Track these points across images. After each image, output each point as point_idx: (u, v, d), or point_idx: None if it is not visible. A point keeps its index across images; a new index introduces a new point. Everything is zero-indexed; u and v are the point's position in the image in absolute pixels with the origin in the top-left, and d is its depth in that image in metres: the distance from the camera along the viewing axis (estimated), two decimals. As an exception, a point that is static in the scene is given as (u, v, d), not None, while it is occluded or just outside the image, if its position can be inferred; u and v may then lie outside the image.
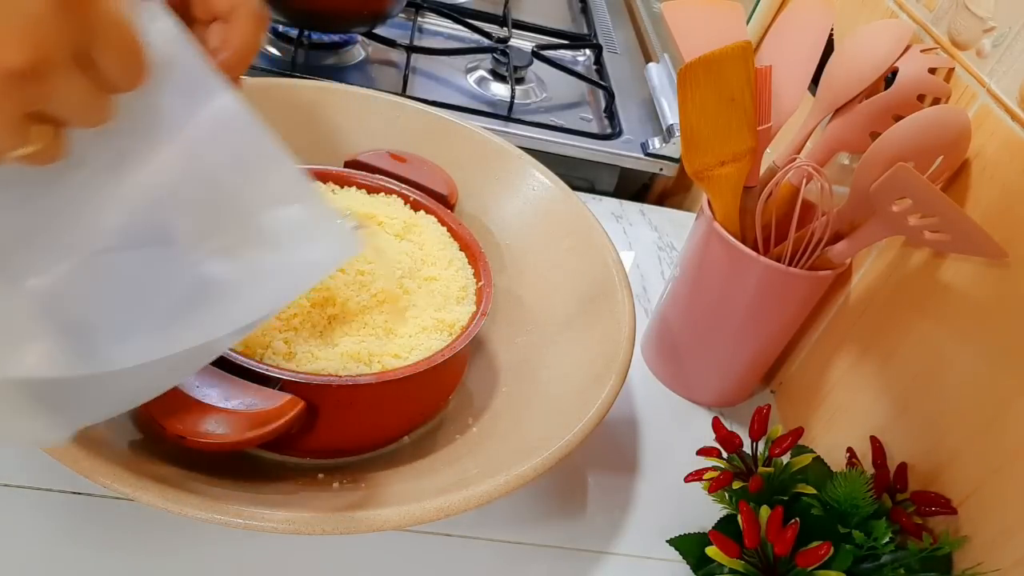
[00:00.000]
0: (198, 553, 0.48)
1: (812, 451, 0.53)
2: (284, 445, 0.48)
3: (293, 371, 0.45)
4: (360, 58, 0.99)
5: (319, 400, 0.46)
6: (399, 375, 0.47)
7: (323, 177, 0.60)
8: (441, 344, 0.50)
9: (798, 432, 0.52)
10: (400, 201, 0.60)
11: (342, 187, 0.60)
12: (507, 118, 0.93)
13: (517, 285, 0.63)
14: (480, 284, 0.56)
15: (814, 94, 0.61)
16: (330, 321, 0.49)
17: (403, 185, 0.61)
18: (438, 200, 0.61)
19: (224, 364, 0.44)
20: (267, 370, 0.45)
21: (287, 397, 0.44)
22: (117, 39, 0.28)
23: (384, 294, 0.51)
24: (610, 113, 1.02)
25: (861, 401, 0.61)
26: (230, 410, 0.42)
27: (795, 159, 0.58)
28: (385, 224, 0.57)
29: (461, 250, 0.58)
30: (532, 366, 0.58)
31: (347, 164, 0.62)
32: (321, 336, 0.49)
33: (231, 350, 0.45)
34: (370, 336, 0.50)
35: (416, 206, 0.60)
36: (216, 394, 0.43)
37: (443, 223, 0.60)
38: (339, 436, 0.50)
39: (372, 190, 0.60)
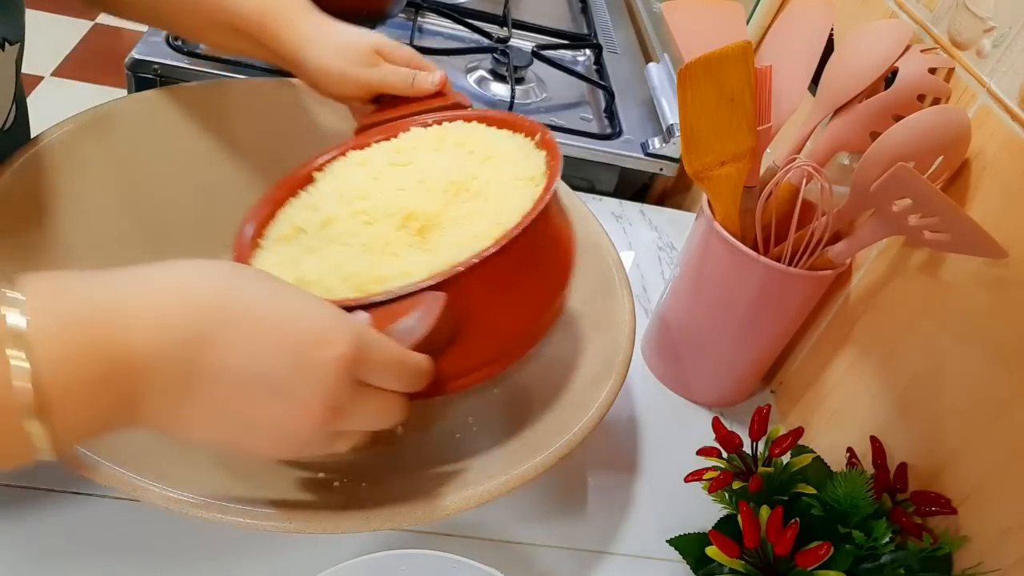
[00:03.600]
0: (198, 553, 0.48)
1: (812, 451, 0.53)
2: (450, 370, 0.43)
3: (417, 283, 0.41)
4: (360, 58, 0.99)
5: (460, 298, 0.41)
6: (522, 225, 0.43)
7: (343, 150, 0.57)
8: (535, 190, 0.47)
9: (798, 432, 0.52)
10: (420, 129, 0.58)
11: (362, 150, 0.57)
12: (507, 118, 0.93)
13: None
14: (538, 137, 0.52)
15: (814, 94, 0.61)
16: (421, 231, 0.47)
17: (416, 117, 0.59)
18: (453, 108, 0.59)
19: (350, 309, 0.41)
20: (401, 291, 0.41)
21: (425, 296, 0.40)
22: (395, 371, 0.36)
23: (455, 185, 0.49)
24: (610, 113, 1.02)
25: (861, 401, 0.61)
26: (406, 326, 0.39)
27: (795, 159, 0.58)
28: (417, 148, 0.55)
29: (500, 128, 0.56)
30: (532, 366, 0.58)
31: (360, 129, 0.60)
32: (422, 248, 0.46)
33: (347, 298, 0.42)
34: (466, 225, 0.47)
35: (437, 122, 0.58)
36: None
37: (469, 120, 0.57)
38: (497, 330, 0.45)
39: (390, 136, 0.58)
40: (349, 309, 0.40)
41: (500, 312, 0.45)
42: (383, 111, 0.59)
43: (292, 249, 0.49)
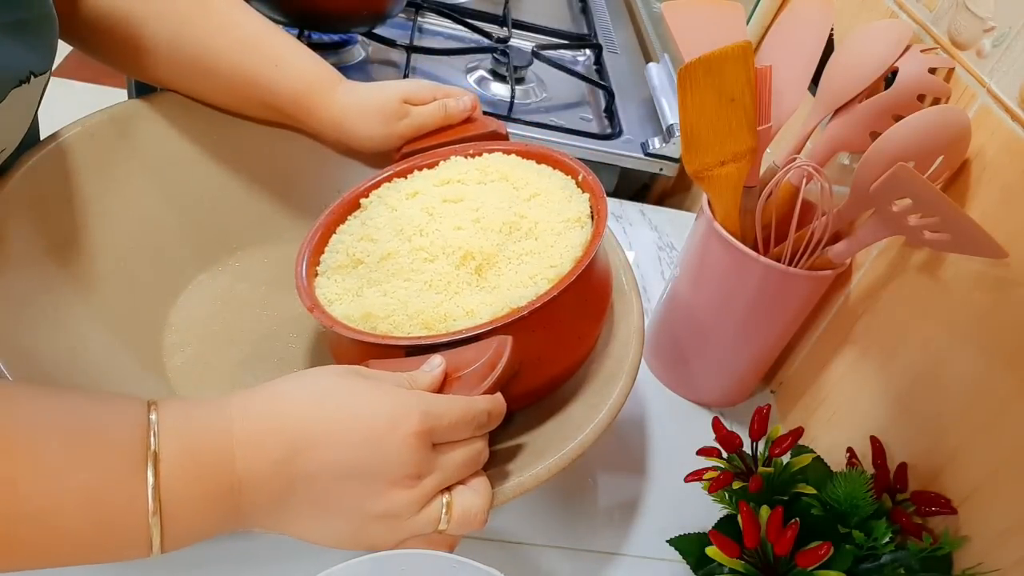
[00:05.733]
0: (198, 555, 0.48)
1: (812, 451, 0.53)
2: (512, 396, 0.46)
3: (484, 324, 0.45)
4: (360, 58, 0.99)
5: (521, 336, 0.45)
6: (576, 272, 0.47)
7: (388, 176, 0.59)
8: (586, 233, 0.50)
9: (798, 432, 0.52)
10: (461, 158, 0.60)
11: (406, 177, 0.59)
12: (507, 118, 0.93)
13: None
14: (580, 177, 0.55)
15: (814, 94, 0.61)
16: (478, 270, 0.49)
17: (456, 145, 0.61)
18: (492, 138, 0.61)
19: (423, 348, 0.45)
20: (463, 334, 0.45)
21: (494, 340, 0.44)
22: (466, 425, 0.39)
23: (507, 225, 0.51)
24: (610, 113, 1.02)
25: (861, 401, 0.61)
26: (464, 375, 0.43)
27: (795, 159, 0.58)
28: (464, 180, 0.57)
29: (540, 163, 0.58)
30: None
31: (400, 157, 0.62)
32: (481, 287, 0.49)
33: (418, 336, 0.46)
34: (520, 264, 0.49)
35: (477, 152, 0.60)
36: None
37: (508, 152, 0.59)
38: (550, 361, 0.49)
39: (432, 165, 0.60)
40: (424, 349, 0.44)
41: (553, 345, 0.49)
42: (422, 139, 0.61)
43: (351, 279, 0.51)
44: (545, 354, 0.48)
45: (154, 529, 0.32)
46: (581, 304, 0.50)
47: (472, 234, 0.50)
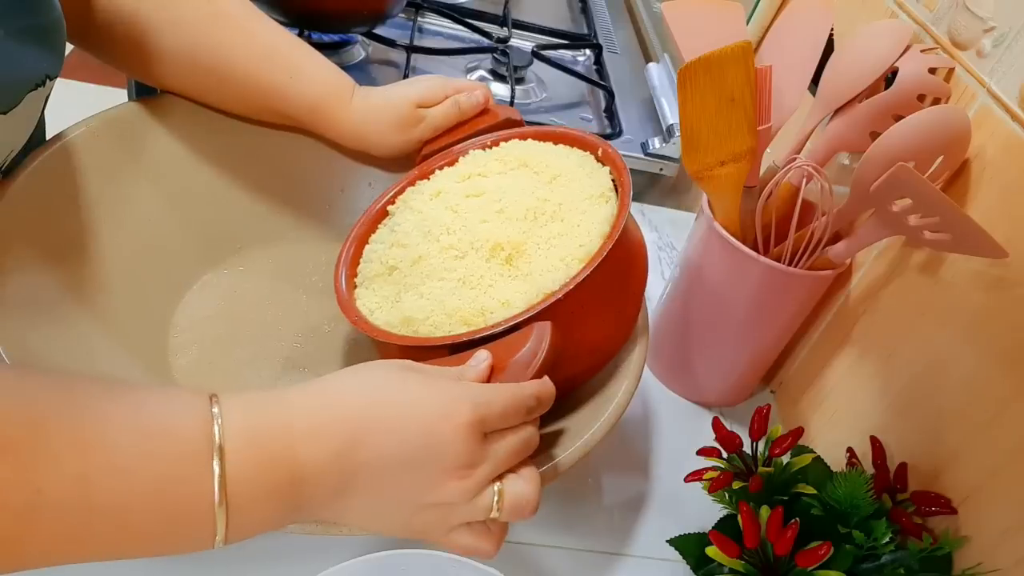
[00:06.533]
0: (199, 554, 0.48)
1: (812, 451, 0.53)
2: (559, 381, 0.46)
3: (520, 313, 0.45)
4: (360, 58, 0.99)
5: (561, 320, 0.45)
6: (606, 248, 0.46)
7: (411, 180, 0.60)
8: (611, 207, 0.50)
9: (798, 432, 0.52)
10: (480, 151, 0.60)
11: (428, 178, 0.60)
12: (507, 118, 0.93)
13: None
14: (599, 151, 0.55)
15: (814, 94, 0.61)
16: (509, 260, 0.49)
17: (474, 140, 0.61)
18: (507, 126, 0.61)
19: (465, 344, 0.45)
20: (502, 325, 0.45)
21: (534, 326, 0.44)
22: (516, 411, 0.40)
23: (532, 211, 0.51)
24: (610, 113, 1.02)
25: (861, 401, 0.61)
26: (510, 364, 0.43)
27: (795, 159, 0.58)
28: (484, 172, 0.57)
29: (557, 144, 0.58)
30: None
31: (421, 159, 0.62)
32: (514, 276, 0.49)
33: (458, 334, 0.45)
34: (549, 248, 0.49)
35: (494, 143, 0.60)
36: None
37: (524, 137, 0.59)
38: (592, 341, 0.49)
39: (452, 162, 0.60)
40: (466, 346, 0.44)
41: (594, 324, 0.48)
42: (440, 138, 0.61)
43: (389, 287, 0.52)
44: (586, 333, 0.48)
45: (219, 520, 0.33)
46: (616, 278, 0.49)
47: (498, 225, 0.50)
